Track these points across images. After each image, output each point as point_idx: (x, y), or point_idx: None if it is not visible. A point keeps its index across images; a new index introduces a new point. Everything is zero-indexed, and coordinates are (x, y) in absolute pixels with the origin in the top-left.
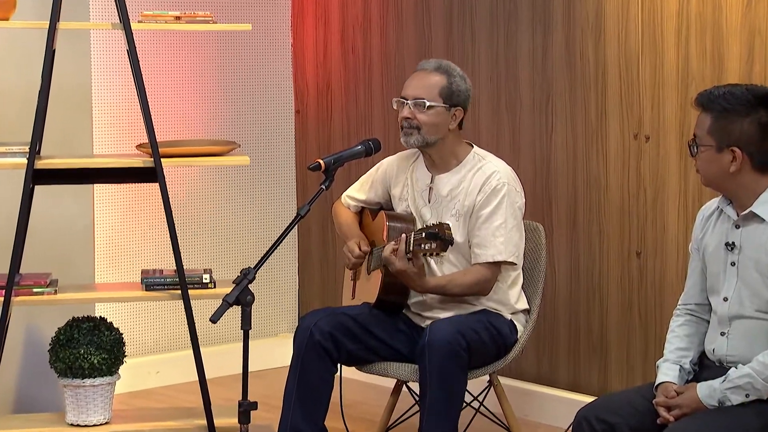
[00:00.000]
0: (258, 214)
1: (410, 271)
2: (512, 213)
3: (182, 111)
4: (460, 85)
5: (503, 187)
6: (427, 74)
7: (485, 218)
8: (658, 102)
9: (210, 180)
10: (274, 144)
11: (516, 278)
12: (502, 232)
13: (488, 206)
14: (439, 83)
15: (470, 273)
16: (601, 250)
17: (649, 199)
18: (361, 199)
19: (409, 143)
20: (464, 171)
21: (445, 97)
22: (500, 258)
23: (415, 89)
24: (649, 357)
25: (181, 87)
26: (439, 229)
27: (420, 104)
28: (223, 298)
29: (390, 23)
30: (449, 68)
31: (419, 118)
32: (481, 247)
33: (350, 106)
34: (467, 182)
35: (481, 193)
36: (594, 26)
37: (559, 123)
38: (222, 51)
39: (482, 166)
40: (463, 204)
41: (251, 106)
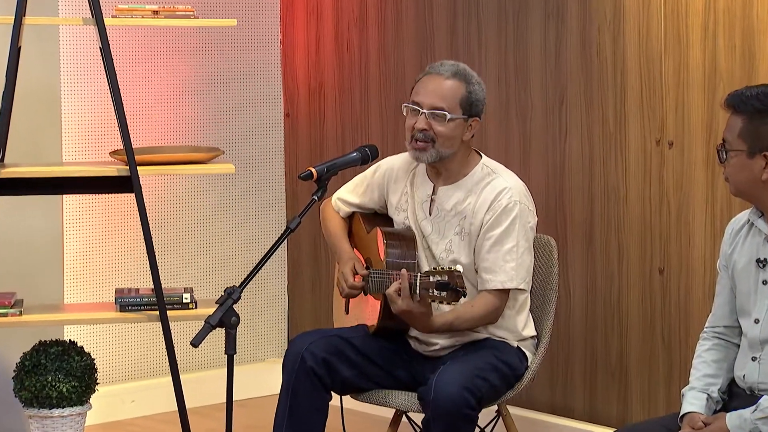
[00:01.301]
0: (244, 227)
1: (416, 312)
2: (524, 235)
3: (161, 115)
4: (478, 94)
5: (515, 206)
6: (444, 80)
7: (495, 241)
8: (683, 104)
9: (191, 190)
10: (262, 150)
11: (524, 303)
12: (513, 257)
13: (498, 227)
14: (458, 92)
15: (478, 304)
16: (620, 267)
17: (673, 211)
18: (354, 203)
19: (422, 160)
20: (471, 184)
21: (464, 108)
22: (511, 285)
23: (434, 97)
24: (674, 384)
25: (160, 88)
26: (450, 277)
27: (439, 116)
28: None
29: (389, 18)
30: (467, 74)
31: (437, 130)
32: (489, 272)
33: (345, 109)
34: (474, 198)
35: (490, 211)
36: (612, 21)
37: (573, 128)
38: (204, 49)
39: (492, 180)
40: (470, 222)
41: (236, 109)
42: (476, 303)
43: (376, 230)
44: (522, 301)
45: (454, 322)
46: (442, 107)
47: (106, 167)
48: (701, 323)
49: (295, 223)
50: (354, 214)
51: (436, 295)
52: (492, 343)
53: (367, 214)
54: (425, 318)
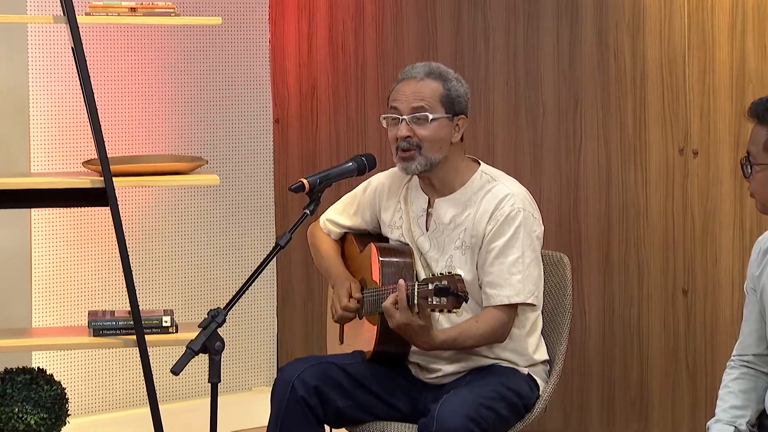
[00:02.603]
0: (229, 244)
1: (415, 325)
2: (530, 244)
3: (138, 121)
4: (458, 90)
5: (518, 213)
6: (419, 82)
7: (498, 252)
8: (709, 109)
9: (172, 203)
10: (249, 160)
11: (535, 323)
12: (519, 268)
13: (501, 237)
14: (436, 90)
15: (483, 320)
16: (640, 288)
17: (698, 227)
18: (345, 225)
19: (411, 170)
20: (470, 194)
21: (446, 106)
22: (518, 299)
23: (411, 100)
24: (698, 416)
25: (138, 92)
26: (450, 281)
27: (420, 117)
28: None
29: (387, 16)
30: (442, 71)
31: (420, 134)
32: (494, 286)
33: (339, 115)
34: (474, 208)
35: (491, 221)
36: (631, 19)
37: (589, 135)
38: (186, 49)
39: (492, 188)
40: (470, 234)
41: (221, 115)
42: (481, 319)
43: (371, 246)
44: (533, 321)
45: (458, 338)
46: (422, 107)
47: (79, 178)
48: (729, 349)
49: (285, 240)
50: (346, 235)
51: (435, 303)
52: (499, 369)
53: (360, 234)
54: (425, 332)
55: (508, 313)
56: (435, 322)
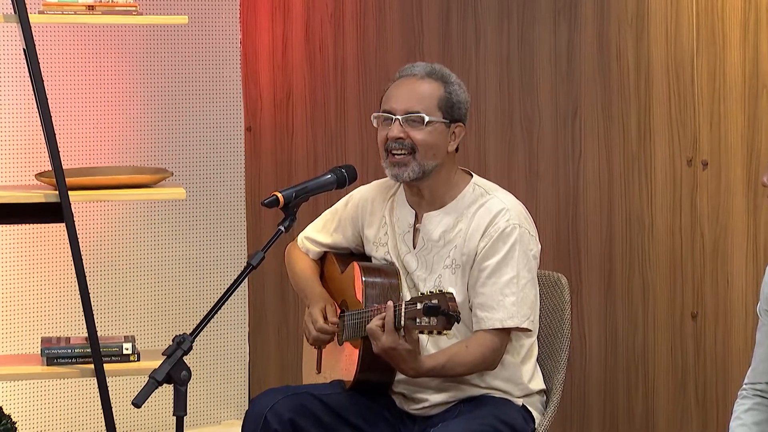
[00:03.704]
0: (197, 264)
1: (402, 349)
2: (525, 264)
3: (97, 129)
4: (459, 95)
5: (514, 230)
6: (417, 81)
7: (491, 271)
8: (719, 117)
9: (133, 219)
10: (218, 172)
11: (530, 350)
12: (514, 290)
13: (495, 255)
14: (436, 93)
15: (474, 345)
16: (645, 311)
17: (709, 245)
18: (325, 243)
19: (402, 177)
20: (461, 208)
21: (444, 110)
22: (511, 323)
23: (407, 100)
24: None
25: (96, 98)
26: (441, 300)
27: (416, 119)
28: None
29: (369, 14)
30: (444, 73)
31: (415, 137)
32: (486, 308)
33: (317, 123)
34: (466, 223)
35: (485, 237)
36: (635, 18)
37: (589, 145)
38: (150, 51)
39: (485, 202)
40: (461, 252)
41: (188, 123)
42: (471, 344)
43: (353, 265)
44: (528, 348)
45: (446, 364)
46: (418, 110)
47: (31, 192)
48: (742, 378)
49: (257, 259)
50: (326, 255)
51: (424, 324)
52: (492, 400)
53: (342, 254)
54: (412, 357)
55: (500, 337)
56: (422, 348)
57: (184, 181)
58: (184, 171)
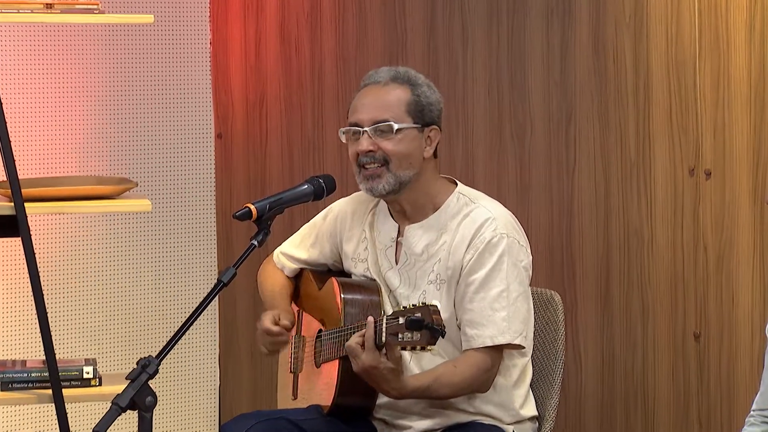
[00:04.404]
0: (163, 281)
1: (383, 368)
2: (516, 276)
3: (56, 137)
4: (429, 97)
5: (501, 240)
6: (382, 89)
7: (479, 285)
8: (723, 124)
9: (95, 233)
10: (187, 182)
11: (523, 372)
12: (504, 304)
13: (482, 268)
14: (402, 97)
15: (463, 365)
16: (644, 332)
17: (712, 260)
18: (301, 259)
19: (377, 191)
20: (445, 219)
21: (415, 115)
22: (503, 340)
23: (373, 110)
24: None
25: (55, 103)
26: (424, 313)
27: (384, 129)
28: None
29: (349, 13)
30: (409, 76)
31: (386, 147)
32: (475, 325)
33: (293, 130)
34: (450, 235)
35: (471, 249)
36: (633, 18)
37: (584, 154)
38: (113, 53)
39: (471, 211)
40: (446, 266)
41: (154, 130)
42: (460, 363)
43: (331, 281)
44: (521, 370)
45: (433, 385)
46: (386, 118)
47: None
48: (748, 402)
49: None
50: (302, 272)
51: (407, 340)
52: (480, 427)
53: (319, 271)
54: (395, 377)
55: (491, 356)
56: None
57: (150, 192)
58: (150, 181)
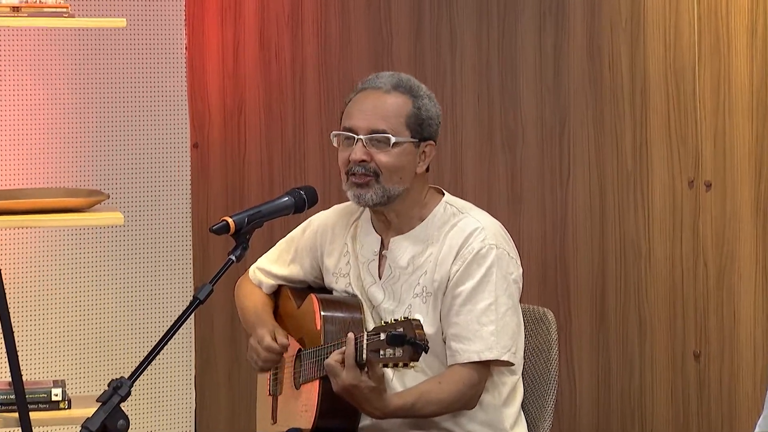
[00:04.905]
0: (136, 298)
1: (364, 387)
2: (505, 289)
3: (24, 147)
4: (430, 110)
5: (490, 251)
6: (383, 96)
7: (466, 298)
8: (724, 132)
9: (65, 247)
10: (161, 194)
11: (513, 391)
12: (492, 318)
13: (469, 280)
14: (403, 108)
15: (448, 381)
16: (642, 350)
17: (713, 275)
18: (280, 275)
19: (364, 200)
20: (431, 230)
21: (413, 129)
22: (490, 356)
23: (371, 118)
24: None
25: (22, 111)
26: (406, 327)
27: (381, 140)
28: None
29: (331, 16)
30: (412, 85)
31: (380, 160)
32: (461, 340)
33: (273, 139)
34: (437, 246)
35: (458, 260)
36: (629, 21)
37: (578, 163)
38: (83, 58)
39: (458, 221)
40: (432, 278)
41: (126, 139)
42: (445, 380)
43: (311, 298)
44: (511, 388)
45: (417, 403)
46: (384, 129)
47: None
48: (751, 425)
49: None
50: (281, 289)
51: (389, 357)
52: None
53: (299, 288)
54: (377, 396)
55: (478, 372)
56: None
57: (122, 204)
58: (122, 193)
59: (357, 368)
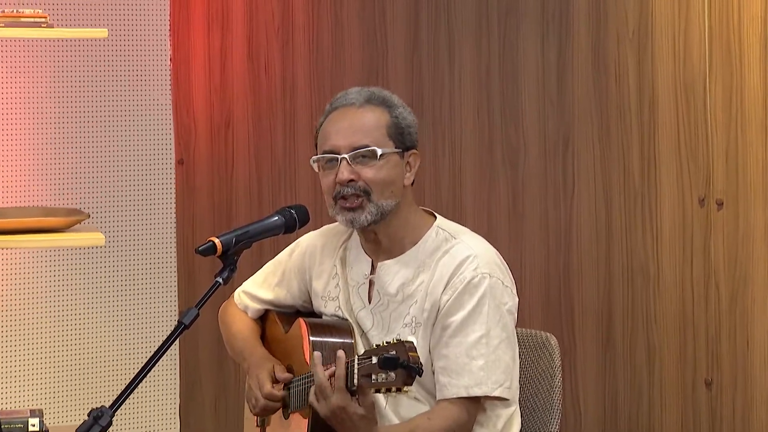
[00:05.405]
0: (118, 323)
1: (354, 414)
2: (498, 320)
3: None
4: (407, 118)
5: (483, 280)
6: (358, 111)
7: (456, 329)
8: (736, 148)
9: (43, 269)
10: (145, 213)
11: (509, 421)
12: (482, 351)
13: (460, 310)
14: (381, 120)
15: (437, 417)
16: (651, 378)
17: (725, 299)
18: (266, 299)
19: (359, 222)
20: (423, 256)
21: (395, 139)
22: (479, 392)
23: (351, 135)
24: None
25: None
26: (399, 350)
27: (367, 155)
28: None
29: (324, 26)
30: (384, 96)
31: (366, 176)
32: (449, 373)
33: (263, 155)
34: (428, 273)
35: (449, 289)
36: (636, 32)
37: (583, 181)
38: (63, 70)
39: (450, 248)
40: (422, 307)
41: (108, 156)
42: (434, 415)
43: (299, 323)
44: (506, 420)
45: None
46: (367, 143)
47: None
48: None
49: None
50: (267, 314)
51: (381, 381)
52: None
53: (286, 312)
54: (366, 425)
55: (468, 408)
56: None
57: (103, 224)
58: (103, 212)
59: (347, 392)
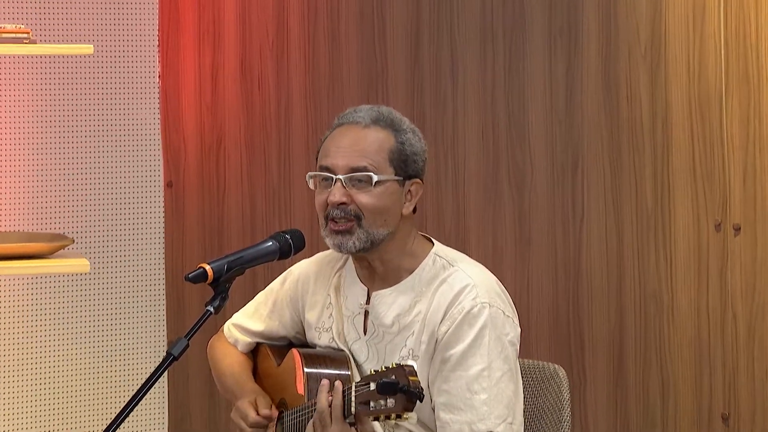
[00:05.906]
0: (105, 353)
1: None
2: (500, 352)
3: None
4: (414, 145)
5: (482, 310)
6: (362, 131)
7: (456, 363)
8: (754, 170)
9: (26, 297)
10: (132, 238)
11: None
12: (484, 385)
13: (460, 342)
14: (385, 143)
15: None
16: (664, 412)
17: (743, 329)
18: (256, 331)
19: (346, 248)
20: (420, 285)
21: (397, 165)
22: (482, 428)
23: (350, 155)
24: None
25: None
26: (399, 375)
27: (362, 179)
28: None
29: (320, 41)
30: (393, 118)
31: (360, 201)
32: (450, 409)
33: (256, 177)
34: (425, 303)
35: (447, 320)
36: (649, 48)
37: (593, 204)
38: (47, 88)
39: (448, 276)
40: (419, 339)
41: (93, 178)
42: None
43: (292, 354)
44: None
45: None
46: (365, 167)
47: None
48: None
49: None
50: (259, 348)
51: (380, 408)
52: None
53: (278, 345)
54: None
55: None
56: None
57: (88, 250)
58: (88, 238)
59: (344, 420)
